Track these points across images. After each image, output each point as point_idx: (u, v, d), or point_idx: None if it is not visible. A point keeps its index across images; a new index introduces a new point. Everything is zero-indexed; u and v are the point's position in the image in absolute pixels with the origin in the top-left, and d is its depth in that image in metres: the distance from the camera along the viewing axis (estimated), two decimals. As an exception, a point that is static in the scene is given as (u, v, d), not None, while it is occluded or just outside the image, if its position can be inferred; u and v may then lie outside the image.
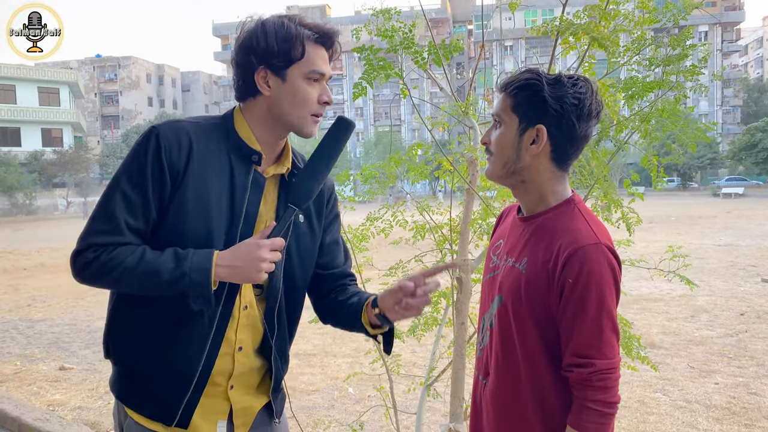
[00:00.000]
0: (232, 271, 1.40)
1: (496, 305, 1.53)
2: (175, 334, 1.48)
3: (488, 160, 1.54)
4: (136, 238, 1.43)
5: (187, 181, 1.44)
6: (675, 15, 2.73)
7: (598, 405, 1.37)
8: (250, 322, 1.56)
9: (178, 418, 1.50)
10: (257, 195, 1.52)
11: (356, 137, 64.91)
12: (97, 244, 1.41)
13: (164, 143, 1.43)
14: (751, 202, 35.11)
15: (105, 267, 1.40)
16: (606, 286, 1.37)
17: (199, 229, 1.45)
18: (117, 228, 1.41)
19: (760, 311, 8.21)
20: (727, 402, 4.99)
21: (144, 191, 1.41)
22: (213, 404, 1.54)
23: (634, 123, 2.75)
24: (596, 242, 1.38)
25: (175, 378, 1.49)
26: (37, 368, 6.54)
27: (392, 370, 3.41)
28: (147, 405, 1.52)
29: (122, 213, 1.41)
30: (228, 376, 1.55)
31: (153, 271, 1.38)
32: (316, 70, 1.50)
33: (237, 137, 1.52)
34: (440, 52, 2.78)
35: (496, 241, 1.66)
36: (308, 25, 1.50)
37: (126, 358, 1.55)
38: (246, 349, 1.56)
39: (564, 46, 2.80)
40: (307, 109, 1.51)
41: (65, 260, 7.87)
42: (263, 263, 1.40)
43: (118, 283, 1.43)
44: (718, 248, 14.88)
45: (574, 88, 1.41)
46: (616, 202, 2.65)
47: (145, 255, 1.40)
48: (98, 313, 9.47)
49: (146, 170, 1.41)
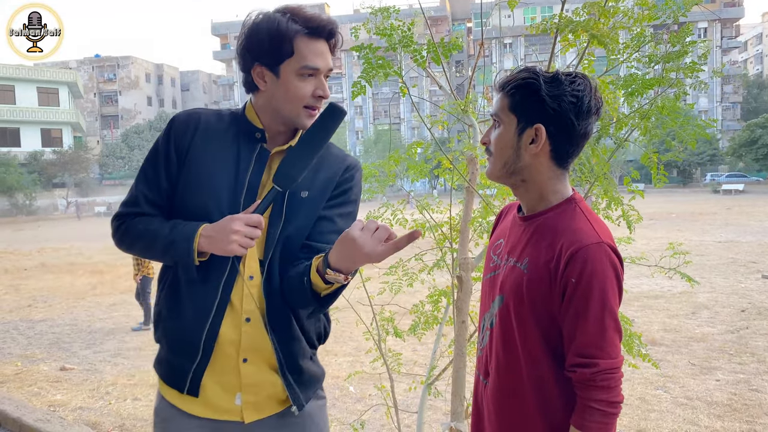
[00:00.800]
0: (209, 241, 1.50)
1: (498, 305, 1.52)
2: (185, 299, 1.59)
3: (488, 160, 1.53)
4: (152, 208, 1.63)
5: (191, 156, 1.59)
6: (674, 12, 2.72)
7: (601, 405, 1.36)
8: (257, 294, 1.60)
9: (188, 384, 1.59)
10: (260, 167, 1.61)
11: (356, 136, 64.91)
12: (120, 215, 1.65)
13: (175, 126, 1.63)
14: (751, 198, 35.10)
15: (125, 234, 1.64)
16: (609, 285, 1.36)
17: (204, 198, 1.58)
18: (135, 200, 1.63)
19: (761, 308, 8.21)
20: (728, 399, 4.99)
21: (156, 166, 1.62)
22: (228, 376, 1.59)
23: (634, 120, 2.74)
24: (598, 241, 1.37)
25: (184, 341, 1.59)
26: (37, 369, 6.54)
27: (393, 369, 3.41)
28: (166, 371, 1.65)
29: (141, 186, 1.63)
30: (237, 347, 1.58)
31: (153, 238, 1.57)
32: (307, 65, 1.52)
33: (245, 119, 1.65)
34: (439, 51, 2.77)
35: (496, 240, 1.65)
36: (300, 19, 1.52)
37: (156, 330, 1.69)
38: (255, 321, 1.59)
39: (563, 44, 2.79)
40: (300, 103, 1.55)
41: (66, 260, 7.93)
42: (235, 235, 1.46)
43: (133, 247, 1.66)
44: (719, 245, 14.88)
45: (571, 86, 1.40)
46: (616, 200, 2.65)
47: (151, 224, 1.60)
48: (99, 314, 9.48)
49: (158, 149, 1.63)
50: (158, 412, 1.69)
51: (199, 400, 1.60)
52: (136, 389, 5.78)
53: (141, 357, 6.95)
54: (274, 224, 1.58)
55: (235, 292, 1.57)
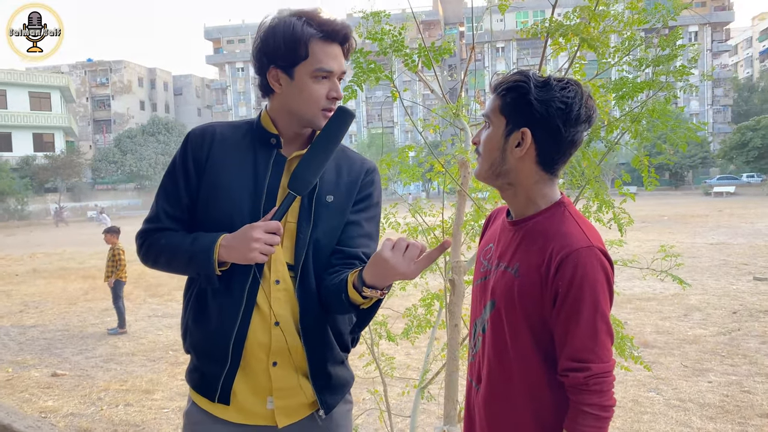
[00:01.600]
0: (229, 250, 1.52)
1: (489, 310, 1.52)
2: (211, 308, 1.61)
3: (477, 160, 1.53)
4: (174, 223, 1.66)
5: (210, 167, 1.63)
6: (664, 16, 2.74)
7: (594, 409, 1.36)
8: (286, 298, 1.61)
9: (219, 391, 1.60)
10: (278, 174, 1.63)
11: (349, 139, 64.91)
12: (144, 231, 1.68)
13: (191, 140, 1.67)
14: (742, 200, 35.32)
15: (149, 250, 1.66)
16: (600, 288, 1.36)
17: (226, 206, 1.60)
18: (157, 216, 1.66)
19: (753, 309, 8.25)
20: (720, 400, 5.01)
21: (176, 181, 1.65)
22: (256, 380, 1.60)
23: (625, 123, 2.76)
24: (588, 245, 1.37)
25: (214, 348, 1.60)
26: (29, 375, 6.50)
27: (386, 373, 3.41)
28: (197, 380, 1.66)
29: (162, 203, 1.67)
30: (267, 351, 1.59)
31: (174, 252, 1.60)
32: (322, 68, 1.56)
33: (260, 127, 1.67)
34: (430, 55, 2.78)
35: (485, 245, 1.65)
36: (315, 23, 1.55)
37: (186, 338, 1.70)
38: (286, 325, 1.59)
39: (554, 48, 2.81)
40: (316, 105, 1.58)
41: (58, 265, 7.88)
42: (255, 243, 1.48)
43: (158, 262, 1.67)
44: (711, 247, 14.95)
45: (562, 92, 1.39)
46: (607, 203, 2.66)
47: (173, 238, 1.62)
48: (91, 319, 9.43)
49: (176, 164, 1.66)
50: (189, 416, 1.70)
51: (231, 406, 1.61)
52: (128, 395, 5.74)
53: (133, 362, 6.91)
54: (302, 229, 1.61)
55: (261, 296, 1.59)
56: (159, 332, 8.43)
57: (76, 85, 64.94)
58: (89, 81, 69.16)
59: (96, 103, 69.73)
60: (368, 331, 3.35)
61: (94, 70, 69.31)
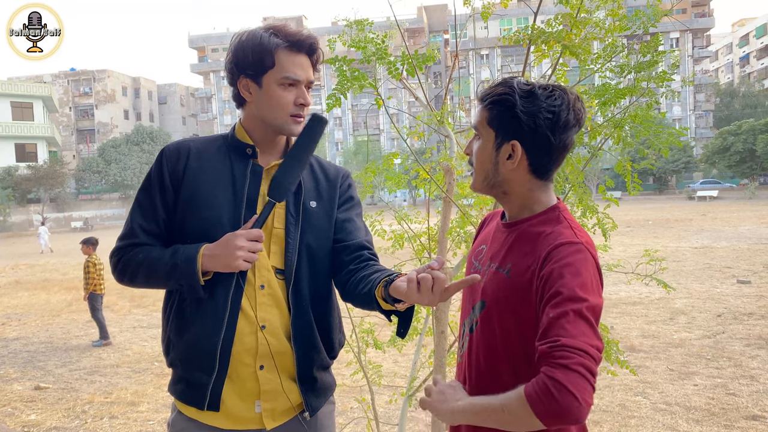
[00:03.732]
0: (213, 259, 1.55)
1: (479, 310, 1.52)
2: (195, 316, 1.62)
3: (471, 173, 1.54)
4: (150, 238, 1.66)
5: (187, 179, 1.65)
6: (645, 23, 2.77)
7: (553, 385, 1.18)
8: (273, 302, 1.64)
9: (208, 399, 1.60)
10: (256, 183, 1.67)
11: (335, 147, 64.93)
12: (119, 248, 1.67)
13: (166, 155, 1.68)
14: (725, 204, 35.73)
15: (126, 266, 1.65)
16: (585, 277, 1.31)
17: (206, 215, 1.62)
18: (132, 232, 1.66)
19: (737, 312, 8.33)
20: (706, 403, 5.04)
21: (151, 196, 1.66)
22: (244, 385, 1.62)
23: (608, 129, 2.78)
24: (576, 241, 1.37)
25: (201, 356, 1.60)
26: (11, 388, 6.40)
27: (373, 381, 3.39)
28: (184, 390, 1.66)
29: (137, 218, 1.67)
30: (254, 354, 1.61)
31: (154, 265, 1.60)
32: (288, 76, 1.62)
33: (235, 139, 1.72)
34: (413, 63, 2.78)
35: (478, 246, 1.65)
36: (282, 35, 1.63)
37: (168, 353, 1.70)
38: (272, 328, 1.63)
39: (537, 54, 2.83)
40: (284, 111, 1.64)
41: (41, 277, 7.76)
42: (239, 251, 1.53)
43: (136, 279, 1.65)
44: (695, 250, 15.10)
45: (548, 101, 1.39)
46: (591, 209, 2.68)
47: (151, 252, 1.62)
48: (75, 331, 9.31)
49: (152, 179, 1.67)
50: (174, 425, 1.70)
51: (220, 412, 1.62)
52: (113, 407, 5.67)
53: (118, 374, 6.83)
54: (291, 235, 1.66)
55: (245, 301, 1.61)
56: (144, 343, 8.35)
57: (59, 95, 64.38)
58: (72, 90, 68.59)
59: (79, 112, 69.13)
60: (355, 339, 3.34)
61: (77, 79, 68.78)
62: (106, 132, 67.28)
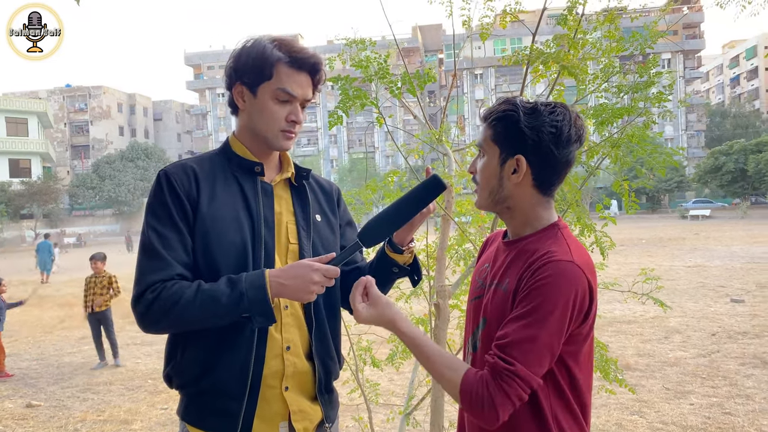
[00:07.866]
0: (283, 288, 1.48)
1: (481, 328, 1.53)
2: (223, 344, 1.56)
3: (476, 190, 1.57)
4: (184, 269, 1.53)
5: (202, 204, 1.57)
6: (641, 44, 2.81)
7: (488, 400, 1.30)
8: (295, 322, 1.64)
9: (240, 426, 1.56)
10: (269, 201, 1.66)
11: (331, 164, 65.02)
12: (155, 282, 1.49)
13: (174, 177, 1.58)
14: (717, 223, 35.91)
15: (167, 303, 1.47)
16: (561, 300, 1.32)
17: (231, 242, 1.56)
18: (166, 263, 1.51)
19: (731, 331, 8.35)
20: (702, 423, 5.03)
21: (175, 224, 1.54)
22: (271, 408, 1.60)
23: (605, 148, 2.81)
24: (569, 260, 1.38)
25: (232, 385, 1.56)
26: (2, 406, 6.32)
27: (371, 400, 3.38)
28: (209, 419, 1.59)
29: (164, 250, 1.51)
30: (281, 377, 1.61)
31: (211, 299, 1.46)
32: (284, 89, 1.60)
33: (236, 156, 1.67)
34: (414, 82, 2.82)
35: (481, 265, 1.67)
36: (285, 49, 1.61)
37: (186, 381, 1.61)
38: (295, 348, 1.63)
39: (534, 75, 2.86)
40: (276, 125, 1.62)
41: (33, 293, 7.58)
42: (314, 285, 1.48)
43: (181, 319, 1.48)
44: (688, 269, 15.14)
45: (551, 116, 1.43)
46: (589, 227, 2.70)
47: (201, 286, 1.48)
48: (67, 348, 9.23)
49: (168, 205, 1.55)
50: None
51: None
52: (105, 425, 5.61)
53: (111, 392, 6.76)
54: (304, 248, 1.67)
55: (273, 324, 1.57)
56: (137, 360, 8.27)
57: (54, 111, 64.34)
58: (67, 106, 68.57)
59: (74, 128, 69.08)
60: (353, 357, 3.33)
61: (72, 95, 68.83)
62: (101, 148, 67.21)
